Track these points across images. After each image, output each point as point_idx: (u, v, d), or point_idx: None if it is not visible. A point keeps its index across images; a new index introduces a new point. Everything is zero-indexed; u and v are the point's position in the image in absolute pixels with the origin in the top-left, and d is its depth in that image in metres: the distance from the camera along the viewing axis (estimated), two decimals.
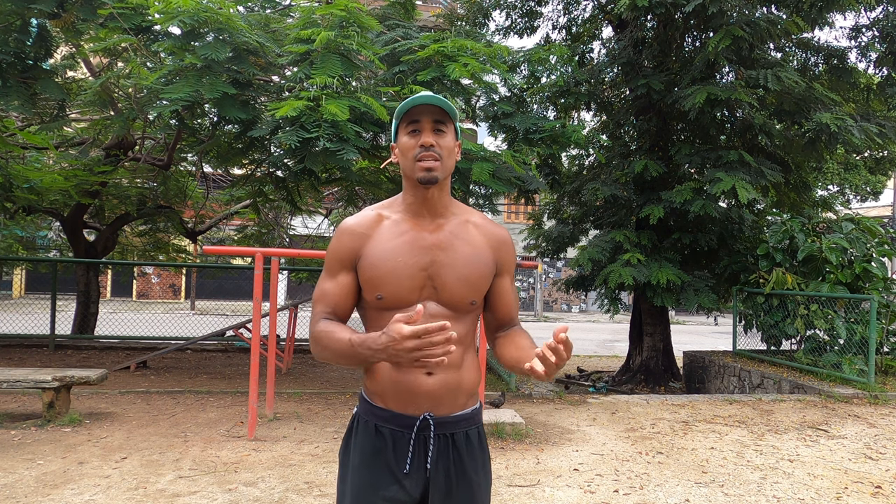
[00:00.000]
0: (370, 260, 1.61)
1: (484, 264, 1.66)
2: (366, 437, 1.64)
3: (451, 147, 1.63)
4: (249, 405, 5.13)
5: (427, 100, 1.58)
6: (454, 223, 1.67)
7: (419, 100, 1.58)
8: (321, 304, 1.65)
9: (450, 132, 1.63)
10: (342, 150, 5.48)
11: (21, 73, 6.57)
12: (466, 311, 1.65)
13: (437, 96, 1.59)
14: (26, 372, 5.45)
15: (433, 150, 1.58)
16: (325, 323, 1.59)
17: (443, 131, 1.61)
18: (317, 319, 1.62)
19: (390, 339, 1.35)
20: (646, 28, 9.61)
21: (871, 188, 19.71)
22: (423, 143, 1.58)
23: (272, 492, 3.92)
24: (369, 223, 1.66)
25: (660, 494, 4.12)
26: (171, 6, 5.47)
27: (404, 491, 1.59)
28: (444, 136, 1.61)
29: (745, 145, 9.15)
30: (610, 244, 8.97)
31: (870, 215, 11.25)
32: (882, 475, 4.65)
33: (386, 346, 1.36)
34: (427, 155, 1.58)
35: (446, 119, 1.61)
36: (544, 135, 7.15)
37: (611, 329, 21.27)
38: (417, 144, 1.59)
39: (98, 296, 11.00)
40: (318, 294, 1.67)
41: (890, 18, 8.87)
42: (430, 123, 1.60)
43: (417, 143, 1.59)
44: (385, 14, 7.37)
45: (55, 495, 3.76)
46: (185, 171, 11.04)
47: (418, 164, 1.58)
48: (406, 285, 1.59)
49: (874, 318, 7.50)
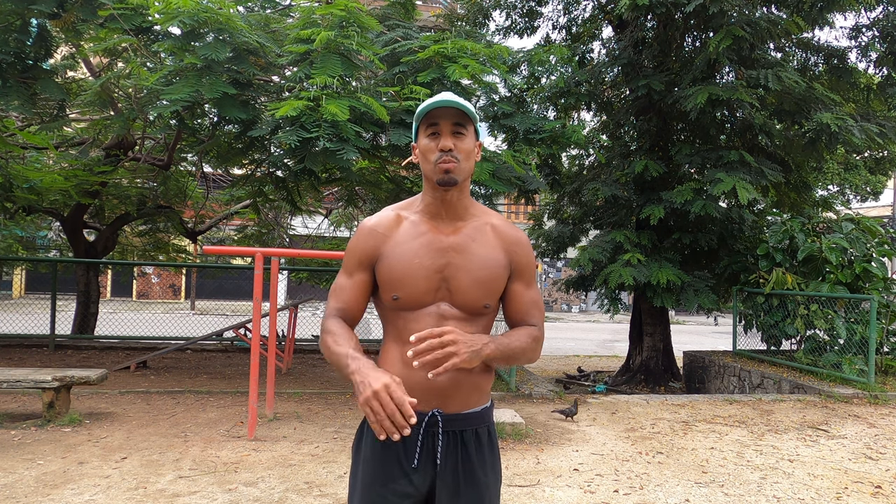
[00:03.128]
0: (388, 261, 1.63)
1: (498, 267, 1.66)
2: None
3: (470, 149, 1.63)
4: (249, 405, 5.13)
5: (446, 103, 1.59)
6: (472, 225, 1.68)
7: (439, 102, 1.59)
8: (334, 299, 1.70)
9: (469, 134, 1.63)
10: (342, 150, 5.48)
11: (21, 73, 6.58)
12: (480, 314, 1.66)
13: (456, 99, 1.59)
14: (26, 372, 5.45)
15: (452, 153, 1.59)
16: (334, 323, 1.64)
17: (462, 133, 1.62)
18: (328, 315, 1.68)
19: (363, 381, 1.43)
20: (646, 28, 9.61)
21: (871, 188, 19.72)
22: (441, 146, 1.59)
23: (272, 492, 3.92)
24: (389, 224, 1.68)
25: (660, 494, 4.12)
26: (171, 6, 5.47)
27: (412, 485, 1.61)
28: (463, 138, 1.62)
29: (746, 145, 9.15)
30: (610, 244, 8.97)
31: (870, 215, 11.24)
32: (882, 475, 4.65)
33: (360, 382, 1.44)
34: (447, 158, 1.59)
35: (465, 121, 1.62)
36: (544, 135, 7.15)
37: (611, 329, 21.27)
38: (437, 147, 1.60)
39: (98, 296, 11.00)
40: (333, 288, 1.72)
41: (890, 18, 8.87)
42: (450, 126, 1.60)
43: (437, 145, 1.60)
44: (385, 14, 7.37)
45: (55, 495, 3.76)
46: (185, 171, 11.04)
47: (438, 167, 1.60)
48: (421, 287, 1.61)
49: (874, 318, 7.50)
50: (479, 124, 1.68)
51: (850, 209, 11.83)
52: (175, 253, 13.12)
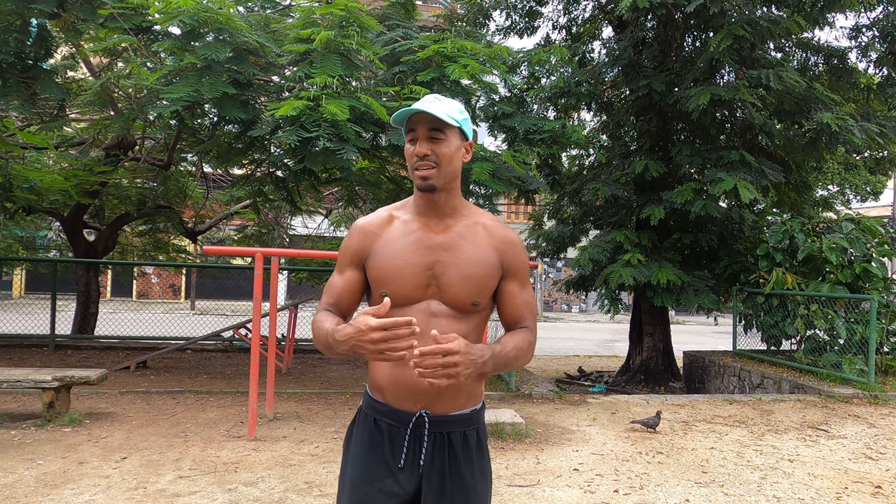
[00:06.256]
0: (378, 258, 1.66)
1: (488, 265, 1.66)
2: (365, 429, 1.68)
3: (449, 154, 1.63)
4: (249, 405, 5.13)
5: (418, 110, 1.59)
6: (463, 224, 1.69)
7: (411, 111, 1.60)
8: (326, 294, 1.73)
9: (448, 138, 1.63)
10: (342, 150, 5.48)
11: (21, 73, 6.57)
12: (470, 312, 1.66)
13: (429, 106, 1.59)
14: (26, 372, 5.45)
15: (428, 158, 1.61)
16: (322, 314, 1.66)
17: (439, 139, 1.62)
18: (318, 310, 1.70)
19: (356, 329, 1.40)
20: (646, 28, 9.60)
21: (871, 188, 19.72)
22: (416, 153, 1.62)
23: (272, 492, 3.92)
24: (380, 222, 1.71)
25: (660, 494, 4.12)
26: (171, 6, 5.47)
27: (399, 485, 1.62)
28: (440, 143, 1.62)
29: (746, 145, 9.15)
30: (610, 244, 8.97)
31: (870, 215, 11.22)
32: (882, 475, 4.65)
33: (350, 336, 1.42)
34: (422, 164, 1.61)
35: (443, 126, 1.62)
36: (544, 135, 7.14)
37: (611, 329, 21.27)
38: (414, 153, 1.63)
39: (98, 296, 11.00)
40: (326, 285, 1.75)
41: (890, 18, 8.87)
42: (426, 132, 1.62)
43: (415, 151, 1.63)
44: (385, 14, 7.37)
45: (55, 495, 3.76)
46: (185, 171, 11.04)
47: (416, 174, 1.63)
48: (411, 283, 1.62)
49: (874, 318, 7.50)
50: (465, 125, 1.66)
51: (850, 209, 11.82)
52: (175, 253, 13.13)
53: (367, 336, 1.38)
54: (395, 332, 1.36)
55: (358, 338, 1.40)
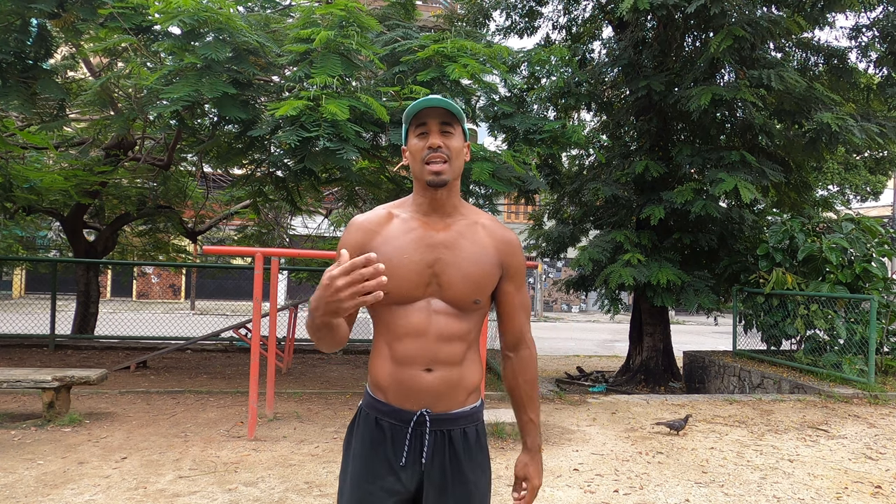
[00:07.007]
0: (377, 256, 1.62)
1: (488, 264, 1.67)
2: (366, 429, 1.68)
3: (459, 148, 1.65)
4: (249, 405, 5.13)
5: (434, 102, 1.61)
6: (463, 224, 1.69)
7: (426, 102, 1.61)
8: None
9: (457, 134, 1.65)
10: (342, 150, 5.48)
11: (21, 73, 6.57)
12: (470, 310, 1.66)
13: (443, 99, 1.62)
14: (26, 372, 5.45)
15: (441, 151, 1.61)
16: None
17: (450, 133, 1.63)
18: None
19: (322, 287, 1.31)
20: (646, 28, 9.60)
21: (871, 188, 19.72)
22: (430, 144, 1.61)
23: (272, 492, 3.92)
24: (379, 220, 1.70)
25: (660, 494, 4.12)
26: (171, 6, 5.47)
27: (400, 483, 1.63)
28: (451, 137, 1.63)
29: (746, 145, 9.15)
30: (610, 244, 8.97)
31: (870, 215, 11.23)
32: (882, 475, 4.65)
33: (321, 297, 1.32)
34: (435, 156, 1.61)
35: (453, 121, 1.63)
36: (544, 135, 7.14)
37: (611, 329, 21.27)
38: (426, 146, 1.62)
39: (98, 296, 11.00)
40: None
41: (890, 18, 8.87)
42: (438, 125, 1.62)
43: (425, 144, 1.62)
44: (385, 14, 7.37)
45: (55, 495, 3.76)
46: (185, 171, 11.04)
47: (427, 168, 1.62)
48: (411, 281, 1.62)
49: (874, 318, 7.50)
50: (466, 126, 1.70)
51: (850, 209, 11.82)
52: (175, 253, 13.13)
53: (334, 286, 1.28)
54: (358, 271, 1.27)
55: (327, 295, 1.30)
